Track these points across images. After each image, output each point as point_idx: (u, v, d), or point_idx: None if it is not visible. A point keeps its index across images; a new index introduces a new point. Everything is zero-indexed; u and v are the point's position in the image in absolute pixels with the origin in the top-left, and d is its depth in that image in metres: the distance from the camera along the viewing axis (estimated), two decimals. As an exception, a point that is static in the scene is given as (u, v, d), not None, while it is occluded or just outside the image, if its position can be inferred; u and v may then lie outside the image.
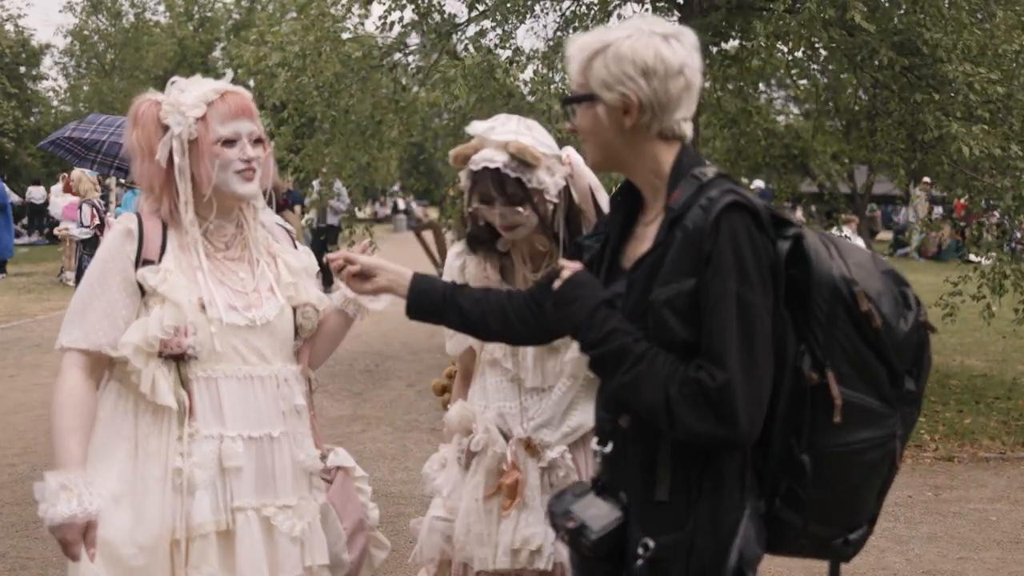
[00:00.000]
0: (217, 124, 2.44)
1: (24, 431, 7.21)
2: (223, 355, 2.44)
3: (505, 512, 2.61)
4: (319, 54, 9.09)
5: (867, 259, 1.92)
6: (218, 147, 2.44)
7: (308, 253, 2.75)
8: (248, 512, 2.41)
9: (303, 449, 2.55)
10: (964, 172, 7.60)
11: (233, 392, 2.44)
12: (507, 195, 2.54)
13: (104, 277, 2.42)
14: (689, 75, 1.90)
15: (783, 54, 7.93)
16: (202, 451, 2.38)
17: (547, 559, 2.58)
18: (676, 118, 1.92)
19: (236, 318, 2.45)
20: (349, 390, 8.75)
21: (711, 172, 1.90)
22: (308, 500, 2.54)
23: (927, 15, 7.35)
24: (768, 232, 1.83)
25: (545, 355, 2.66)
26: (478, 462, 2.69)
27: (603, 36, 1.92)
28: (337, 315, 2.70)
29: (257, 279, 2.55)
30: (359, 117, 9.53)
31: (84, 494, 2.25)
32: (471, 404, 2.76)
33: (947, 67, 7.17)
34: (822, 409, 1.83)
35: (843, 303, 1.82)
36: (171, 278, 2.40)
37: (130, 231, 2.46)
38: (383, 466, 6.37)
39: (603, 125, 1.94)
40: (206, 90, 2.47)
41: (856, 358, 1.84)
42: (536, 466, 2.64)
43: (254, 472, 2.44)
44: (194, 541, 2.35)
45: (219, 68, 28.29)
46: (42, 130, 27.53)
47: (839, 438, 1.84)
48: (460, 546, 2.65)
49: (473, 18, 9.34)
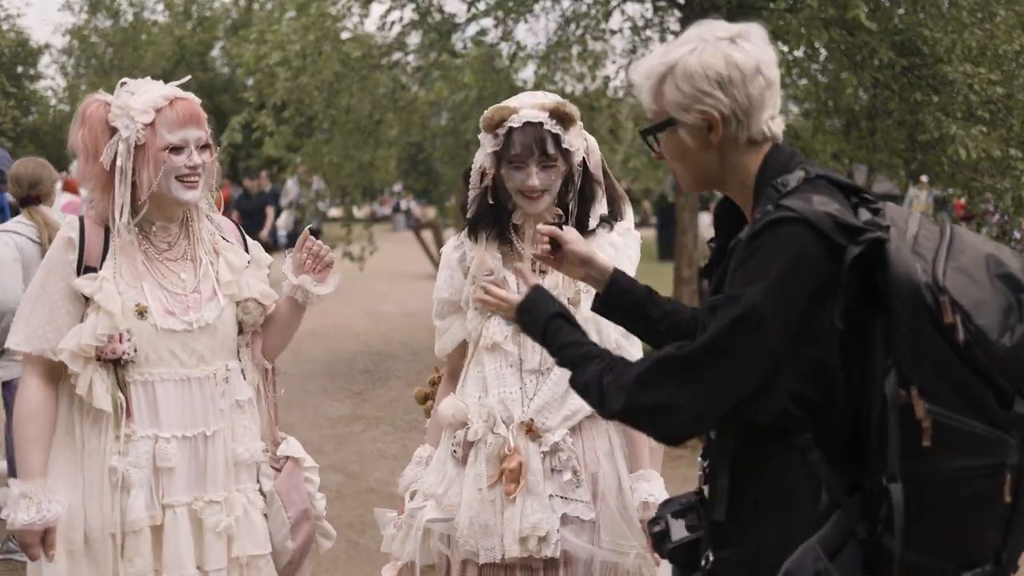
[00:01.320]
0: (165, 131, 2.49)
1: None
2: (160, 359, 2.53)
3: (510, 497, 2.58)
4: (319, 53, 9.09)
5: (977, 260, 1.71)
6: (165, 154, 2.48)
7: (257, 247, 2.80)
8: (177, 509, 2.53)
9: (241, 443, 2.64)
10: (963, 173, 7.60)
11: (170, 394, 2.54)
12: (545, 153, 2.58)
13: (47, 283, 2.52)
14: (767, 72, 1.80)
15: (783, 54, 7.92)
16: (137, 451, 2.50)
17: (554, 546, 2.57)
18: (764, 119, 1.82)
19: (173, 323, 2.54)
20: (349, 390, 8.74)
21: (795, 180, 1.77)
22: (242, 492, 2.63)
23: (928, 15, 7.35)
24: (832, 239, 1.67)
25: None
26: (477, 452, 2.66)
27: (666, 56, 1.82)
28: (287, 303, 2.77)
29: (199, 279, 2.61)
30: (358, 116, 9.53)
31: (43, 502, 2.43)
32: (464, 395, 2.73)
33: (947, 67, 7.17)
34: (915, 431, 1.64)
35: (928, 313, 1.64)
36: (106, 286, 2.48)
37: (71, 240, 2.53)
38: (383, 466, 6.36)
39: (689, 147, 1.85)
40: (156, 95, 2.50)
41: (951, 375, 1.64)
42: (538, 451, 2.62)
43: (187, 469, 2.55)
44: (128, 536, 2.48)
45: (217, 67, 28.28)
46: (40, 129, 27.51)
47: (936, 464, 1.65)
48: (463, 541, 2.62)
49: (473, 17, 9.34)
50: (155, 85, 2.56)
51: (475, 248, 2.75)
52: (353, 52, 9.44)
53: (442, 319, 2.82)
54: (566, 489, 2.62)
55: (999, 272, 1.71)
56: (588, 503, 2.63)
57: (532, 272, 2.69)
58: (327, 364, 9.72)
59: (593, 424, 2.69)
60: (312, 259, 2.75)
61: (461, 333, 2.79)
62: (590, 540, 2.63)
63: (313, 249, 2.75)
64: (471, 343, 2.76)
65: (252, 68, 9.68)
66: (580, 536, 2.62)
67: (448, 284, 2.79)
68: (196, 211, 2.66)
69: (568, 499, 2.62)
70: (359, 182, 10.98)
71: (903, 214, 1.78)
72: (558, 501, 2.61)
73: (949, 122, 7.05)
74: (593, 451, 2.68)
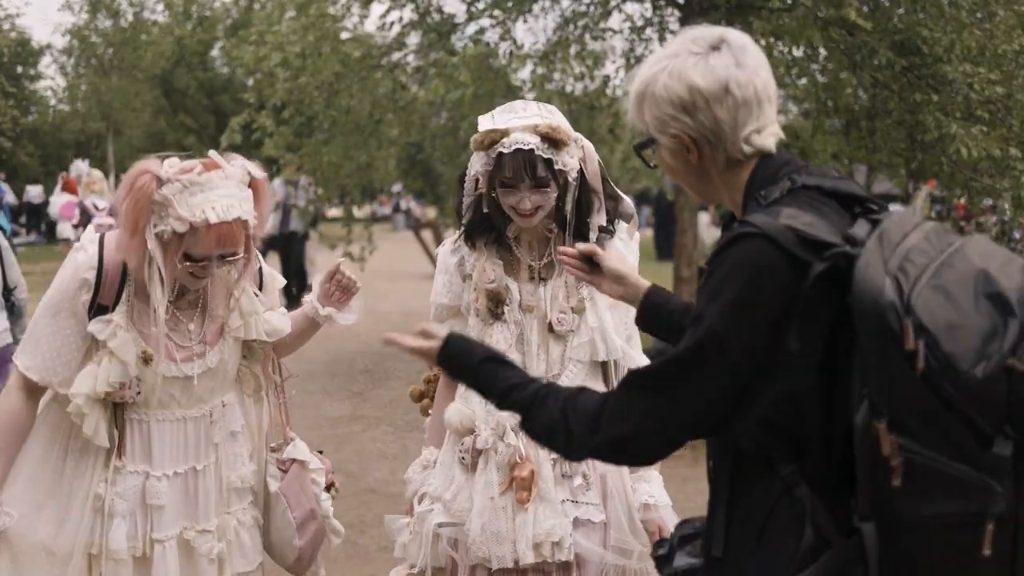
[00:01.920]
0: (193, 246, 2.43)
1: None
2: (160, 403, 2.58)
3: (524, 506, 2.57)
4: (319, 54, 9.10)
5: (964, 277, 1.50)
6: (181, 261, 2.44)
7: (271, 276, 2.81)
8: (167, 543, 2.56)
9: (234, 470, 2.68)
10: (963, 172, 7.60)
11: (164, 433, 2.59)
12: (536, 177, 2.54)
13: (59, 313, 2.52)
14: (739, 91, 1.68)
15: (782, 53, 7.93)
16: (126, 484, 2.54)
17: (568, 550, 2.56)
18: (741, 137, 1.71)
19: (176, 371, 2.56)
20: (349, 390, 8.75)
21: (777, 191, 1.68)
22: (233, 515, 2.68)
23: (927, 15, 7.35)
24: (795, 254, 1.55)
25: (551, 343, 2.65)
26: (487, 459, 2.65)
27: (646, 73, 1.76)
28: (304, 320, 2.81)
29: (205, 328, 2.63)
30: (358, 117, 9.53)
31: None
32: (470, 402, 2.71)
33: (947, 67, 7.17)
34: (886, 469, 1.47)
35: (894, 338, 1.45)
36: (120, 334, 2.49)
37: (86, 282, 2.50)
38: (383, 466, 6.37)
39: (674, 165, 1.80)
40: (201, 213, 2.38)
41: (923, 409, 1.45)
42: (548, 457, 2.61)
43: (178, 503, 2.60)
44: (108, 562, 2.51)
45: (217, 67, 28.27)
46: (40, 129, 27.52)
47: (912, 508, 1.47)
48: (476, 548, 2.60)
49: (472, 17, 9.34)
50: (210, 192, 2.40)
51: (473, 255, 2.73)
52: (353, 52, 9.44)
53: (441, 323, 2.79)
54: (577, 493, 2.62)
55: (988, 291, 1.48)
56: (598, 505, 2.63)
57: (531, 280, 2.69)
58: (327, 364, 9.72)
59: None
60: (340, 291, 2.79)
61: None
62: (601, 541, 2.63)
63: (343, 283, 2.78)
64: None
65: (252, 68, 9.68)
66: (591, 538, 2.61)
67: (447, 289, 2.77)
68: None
69: (579, 503, 2.62)
70: (359, 182, 10.98)
71: (906, 226, 1.59)
72: (570, 505, 2.61)
73: (949, 122, 7.05)
74: None
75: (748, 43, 1.72)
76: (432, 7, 9.51)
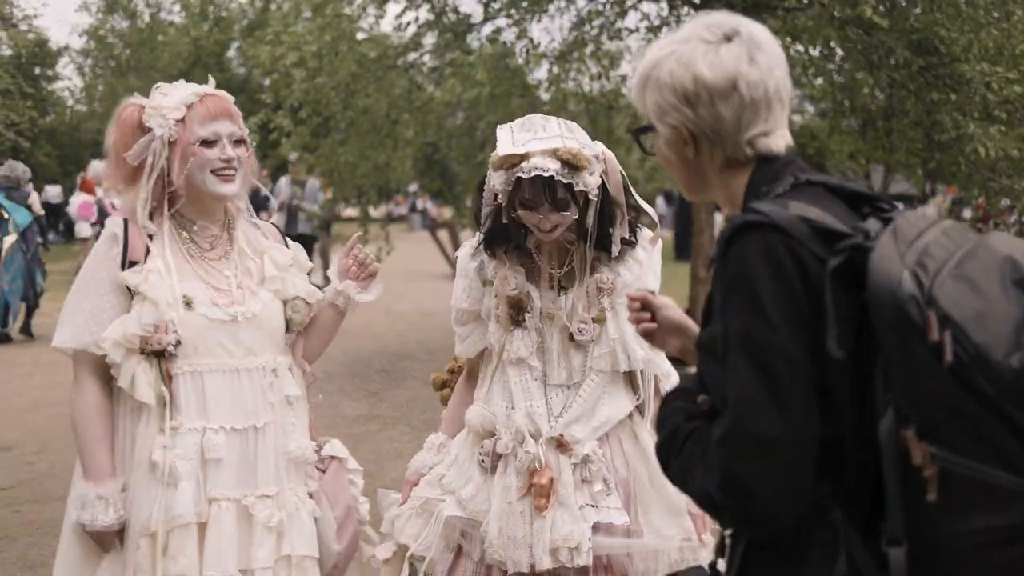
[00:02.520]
0: (196, 125, 2.51)
1: (41, 429, 7.24)
2: (208, 350, 2.52)
3: (543, 513, 2.57)
4: (335, 54, 9.13)
5: (989, 266, 1.38)
6: (196, 147, 2.50)
7: (299, 248, 2.80)
8: (223, 503, 2.49)
9: (292, 439, 2.61)
10: (981, 173, 7.57)
11: (218, 385, 2.52)
12: (555, 201, 2.53)
13: (92, 279, 2.52)
14: (746, 89, 1.55)
15: (798, 53, 7.91)
16: (185, 444, 2.47)
17: (586, 555, 2.56)
18: (743, 140, 1.59)
19: (219, 314, 2.53)
20: (366, 389, 8.77)
21: (781, 188, 1.54)
22: (293, 491, 2.59)
23: (944, 14, 7.33)
24: (809, 248, 1.42)
25: (572, 351, 2.66)
26: (506, 463, 2.65)
27: (654, 55, 1.63)
28: (329, 309, 2.78)
29: (242, 276, 2.62)
30: (375, 117, 9.56)
31: (118, 502, 2.45)
32: (491, 405, 2.73)
33: (964, 66, 7.15)
34: (919, 483, 1.33)
35: (917, 333, 1.32)
36: (152, 277, 2.47)
37: (115, 235, 2.54)
38: (399, 465, 6.37)
39: (669, 156, 1.68)
40: (187, 93, 2.54)
41: (956, 411, 1.32)
42: (568, 463, 2.62)
43: (236, 463, 2.52)
44: (173, 532, 2.44)
45: (234, 67, 28.38)
46: (58, 130, 27.67)
47: (948, 526, 1.34)
48: (492, 550, 2.61)
49: (488, 18, 9.36)
50: (188, 85, 2.59)
51: (493, 262, 2.73)
52: (369, 52, 9.47)
53: (462, 326, 2.81)
54: (597, 498, 2.62)
55: (1016, 277, 1.37)
56: (620, 509, 2.62)
57: (552, 288, 2.69)
58: (344, 364, 9.74)
59: (620, 429, 2.69)
60: (357, 266, 2.77)
61: (482, 341, 2.78)
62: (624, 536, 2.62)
63: (359, 257, 2.77)
64: (494, 354, 2.75)
65: (268, 69, 9.72)
66: (613, 537, 2.61)
67: (467, 294, 2.78)
68: (237, 212, 2.68)
69: (600, 507, 2.61)
70: (375, 182, 11.01)
71: (921, 224, 1.47)
72: (589, 510, 2.60)
73: (966, 121, 7.03)
74: (622, 456, 2.68)
75: (765, 38, 1.59)
76: (448, 7, 9.53)
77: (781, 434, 1.37)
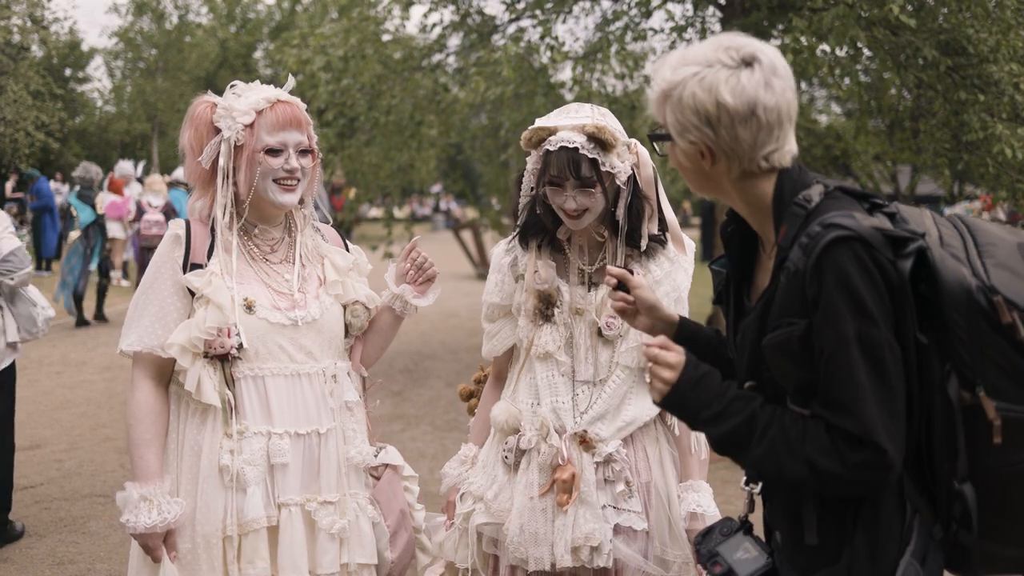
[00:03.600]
0: (264, 133, 2.51)
1: (70, 427, 7.32)
2: (269, 354, 2.51)
3: (564, 508, 2.57)
4: (362, 56, 9.17)
5: (1012, 252, 1.76)
6: (261, 155, 2.51)
7: (359, 252, 2.80)
8: (292, 508, 2.48)
9: (353, 445, 2.61)
10: (1009, 174, 7.50)
11: (280, 389, 2.51)
12: (581, 177, 2.55)
13: (156, 282, 2.51)
14: (763, 114, 1.74)
15: (825, 53, 7.87)
16: (251, 448, 2.46)
17: (607, 556, 2.55)
18: (759, 157, 1.78)
19: (280, 317, 2.52)
20: (389, 389, 8.80)
21: (816, 194, 1.76)
22: (353, 497, 2.58)
23: (972, 15, 7.27)
24: (884, 255, 1.67)
25: (599, 347, 2.65)
26: (529, 459, 2.65)
27: (674, 74, 1.78)
28: (386, 313, 2.77)
29: (302, 280, 2.61)
30: (399, 117, 9.60)
31: (163, 504, 2.41)
32: (517, 402, 2.72)
33: (992, 67, 7.09)
34: (981, 430, 1.69)
35: (983, 315, 1.67)
36: (215, 280, 2.47)
37: (178, 236, 2.54)
38: (423, 465, 6.41)
39: (685, 165, 1.86)
40: (259, 97, 2.53)
41: (1012, 370, 1.68)
42: (591, 461, 2.61)
43: (300, 468, 2.51)
44: (247, 536, 2.43)
45: (260, 69, 28.56)
46: (87, 131, 27.95)
47: (1006, 458, 1.69)
48: (514, 547, 2.61)
49: (512, 19, 9.37)
50: (263, 88, 2.58)
51: (526, 255, 2.74)
52: (394, 54, 9.50)
53: (492, 322, 2.81)
54: (619, 499, 2.61)
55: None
56: (641, 513, 2.62)
57: (582, 284, 2.69)
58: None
59: (645, 433, 2.68)
60: (415, 270, 2.76)
61: (511, 338, 2.78)
62: (642, 550, 2.61)
63: (418, 260, 2.76)
64: (522, 350, 2.75)
65: (294, 72, 9.76)
66: (632, 546, 2.60)
67: (498, 289, 2.78)
68: (299, 216, 2.68)
69: (621, 509, 2.61)
70: (399, 183, 11.05)
71: (918, 215, 1.80)
72: (611, 511, 2.60)
73: (994, 122, 6.97)
74: (646, 460, 2.67)
75: (780, 63, 1.77)
76: (472, 9, 9.55)
77: (896, 412, 1.67)
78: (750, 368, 1.85)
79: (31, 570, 4.70)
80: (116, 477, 5.92)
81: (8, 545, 5.01)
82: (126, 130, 29.38)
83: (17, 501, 5.59)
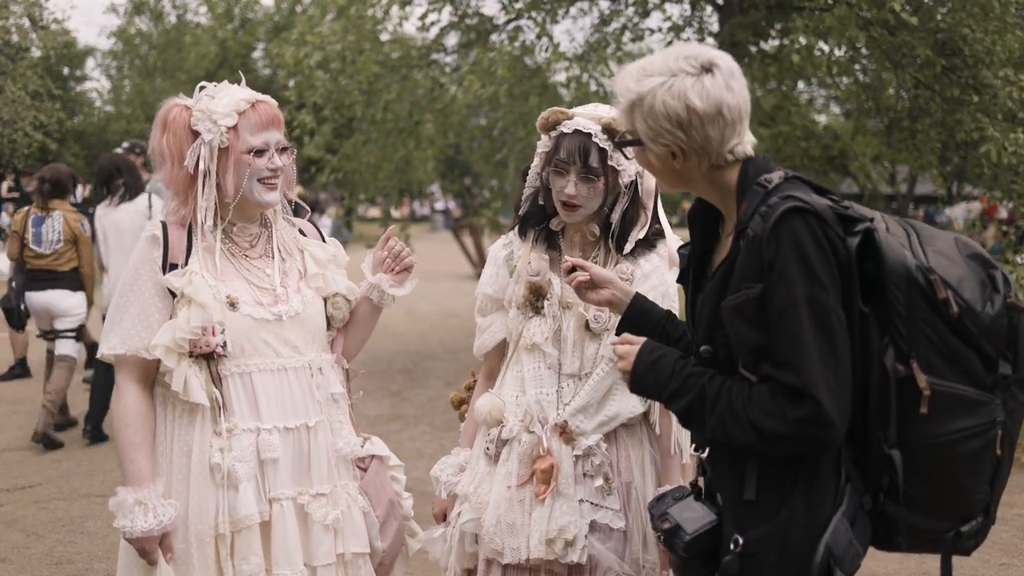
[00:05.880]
0: (248, 134, 2.50)
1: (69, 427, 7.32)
2: (255, 350, 2.52)
3: (540, 498, 2.58)
4: (360, 53, 9.17)
5: (949, 245, 1.92)
6: (249, 157, 2.50)
7: (336, 244, 2.81)
8: (284, 502, 2.50)
9: (341, 436, 2.63)
10: (1005, 175, 7.52)
11: (267, 384, 2.52)
12: (588, 165, 2.58)
13: (135, 284, 2.51)
14: (728, 113, 1.92)
15: (823, 53, 7.88)
16: (241, 445, 2.47)
17: (580, 552, 2.56)
18: (725, 151, 1.96)
19: (263, 313, 2.53)
20: (387, 389, 8.81)
21: (776, 177, 1.92)
22: (344, 488, 2.60)
23: (969, 13, 7.28)
24: (835, 230, 1.83)
25: (586, 340, 2.66)
26: (510, 450, 2.66)
27: (639, 85, 1.95)
28: (365, 303, 2.77)
29: (283, 274, 2.62)
30: (397, 116, 9.60)
31: (158, 507, 2.42)
32: (502, 394, 2.74)
33: (986, 71, 7.10)
34: (911, 401, 1.83)
35: (920, 292, 1.82)
36: (196, 279, 2.48)
37: (155, 237, 2.54)
38: (421, 465, 6.41)
39: (657, 166, 2.03)
40: (237, 99, 2.52)
41: (943, 346, 1.83)
42: (570, 453, 2.62)
43: (291, 462, 2.53)
44: (240, 533, 2.44)
45: (259, 69, 28.55)
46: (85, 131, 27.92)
47: (933, 429, 1.83)
48: (489, 538, 2.62)
49: (509, 20, 9.38)
50: (235, 88, 2.57)
51: (523, 246, 2.76)
52: (392, 53, 9.51)
53: (484, 316, 2.83)
54: (597, 495, 2.61)
55: (968, 252, 1.92)
56: (619, 512, 2.62)
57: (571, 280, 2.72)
58: (366, 363, 9.78)
59: (629, 433, 2.69)
60: (392, 259, 2.75)
61: (501, 332, 2.79)
62: (617, 550, 2.62)
63: (395, 249, 2.76)
64: (511, 342, 2.77)
65: (292, 70, 9.77)
66: (607, 544, 2.61)
67: (493, 281, 2.80)
68: (274, 212, 2.69)
69: (598, 506, 2.61)
70: (397, 183, 11.05)
71: (870, 212, 1.94)
72: (588, 507, 2.60)
73: (987, 123, 6.98)
74: (628, 460, 2.67)
75: (735, 66, 1.96)
76: (470, 9, 9.55)
77: (840, 373, 1.81)
78: (707, 332, 1.98)
79: (29, 570, 4.71)
80: (114, 477, 5.90)
81: (7, 545, 5.02)
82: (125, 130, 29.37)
83: (15, 501, 5.61)
